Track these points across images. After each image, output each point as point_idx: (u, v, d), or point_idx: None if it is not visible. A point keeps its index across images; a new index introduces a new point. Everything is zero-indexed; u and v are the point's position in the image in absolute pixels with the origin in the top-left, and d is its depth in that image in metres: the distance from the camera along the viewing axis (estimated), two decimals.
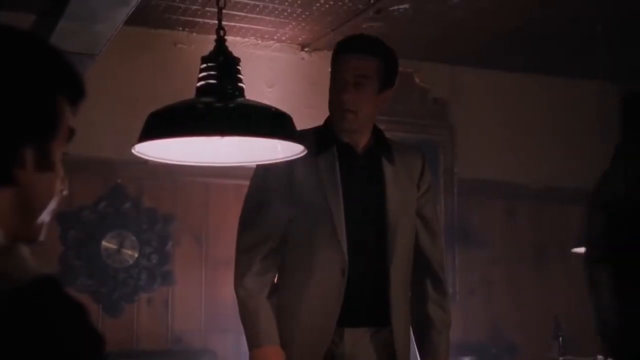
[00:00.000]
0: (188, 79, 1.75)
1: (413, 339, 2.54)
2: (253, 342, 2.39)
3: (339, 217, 2.35)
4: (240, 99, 1.58)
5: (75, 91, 1.04)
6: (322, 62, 4.57)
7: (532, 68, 4.93)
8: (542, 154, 5.02)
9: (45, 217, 1.04)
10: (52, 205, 1.05)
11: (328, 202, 2.35)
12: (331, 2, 3.93)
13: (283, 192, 2.38)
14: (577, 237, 4.17)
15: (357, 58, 2.34)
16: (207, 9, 3.97)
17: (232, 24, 4.11)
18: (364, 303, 2.39)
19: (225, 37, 1.67)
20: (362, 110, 2.36)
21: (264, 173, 2.38)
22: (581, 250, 4.11)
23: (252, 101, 1.60)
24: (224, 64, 1.60)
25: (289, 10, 4.03)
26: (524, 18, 4.15)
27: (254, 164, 2.34)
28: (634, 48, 4.51)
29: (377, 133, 2.48)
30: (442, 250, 2.59)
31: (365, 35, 2.47)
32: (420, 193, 2.50)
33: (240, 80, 1.61)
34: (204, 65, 1.61)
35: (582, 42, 4.32)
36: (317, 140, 2.40)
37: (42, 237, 1.05)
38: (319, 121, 2.58)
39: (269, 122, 1.58)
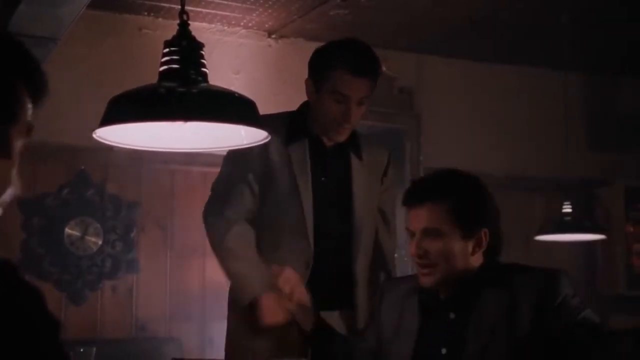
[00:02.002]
0: (153, 65, 1.73)
1: None
2: (251, 291, 2.34)
3: (308, 209, 2.39)
4: (203, 84, 1.56)
5: (37, 87, 1.03)
6: (288, 49, 4.55)
7: (499, 57, 4.96)
8: (507, 143, 5.06)
9: None
10: (6, 196, 1.03)
11: (300, 192, 2.38)
12: None
13: (258, 173, 2.41)
14: (541, 225, 4.23)
15: (365, 81, 2.37)
16: None
17: (198, 9, 4.08)
18: (332, 291, 2.45)
19: (189, 22, 1.65)
20: (355, 125, 2.44)
21: (239, 153, 2.38)
22: (545, 237, 4.17)
23: (215, 86, 1.59)
24: (187, 48, 1.58)
25: None
26: (491, 7, 4.17)
27: (217, 150, 2.33)
28: (599, 38, 4.56)
29: None
30: (396, 246, 2.68)
31: (369, 54, 2.41)
32: (383, 188, 2.57)
33: (204, 65, 1.59)
34: (167, 50, 1.59)
35: (547, 32, 4.36)
36: (288, 128, 2.42)
37: None
38: (284, 108, 2.59)
39: (232, 108, 1.57)
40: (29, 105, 1.03)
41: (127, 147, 1.76)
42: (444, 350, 1.89)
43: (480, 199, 1.97)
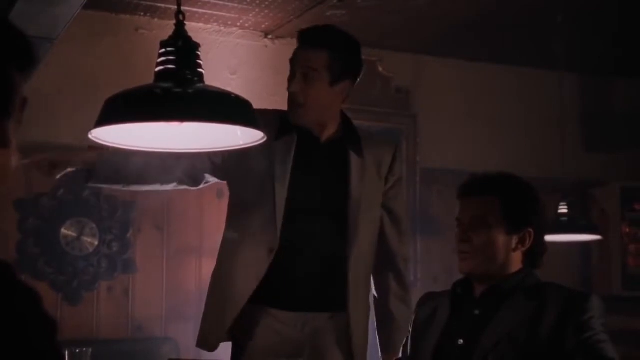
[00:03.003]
0: (150, 65, 1.73)
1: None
2: None
3: (281, 201, 2.36)
4: (199, 85, 1.56)
5: (27, 62, 1.01)
6: (285, 50, 4.55)
7: (495, 58, 4.97)
8: (504, 143, 5.07)
9: None
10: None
11: (274, 184, 2.37)
12: None
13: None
14: None
15: (306, 50, 2.33)
16: None
17: (194, 9, 4.08)
18: (322, 291, 2.43)
19: (185, 22, 1.65)
20: (312, 104, 2.35)
21: None
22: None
23: (211, 87, 1.59)
24: (183, 48, 1.58)
25: None
26: (487, 7, 4.17)
27: (213, 151, 2.33)
28: (594, 39, 4.57)
29: (346, 124, 2.48)
30: (409, 247, 2.62)
31: (320, 26, 2.40)
32: (389, 186, 2.51)
33: (200, 66, 1.59)
34: (163, 50, 1.59)
35: (543, 32, 4.36)
36: (280, 123, 2.41)
37: None
38: (281, 108, 2.58)
39: (228, 109, 1.57)
40: (22, 82, 1.01)
41: (123, 147, 1.76)
42: (460, 341, 1.96)
43: (531, 199, 2.04)
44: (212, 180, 2.49)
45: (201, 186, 2.48)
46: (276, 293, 2.40)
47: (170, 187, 2.45)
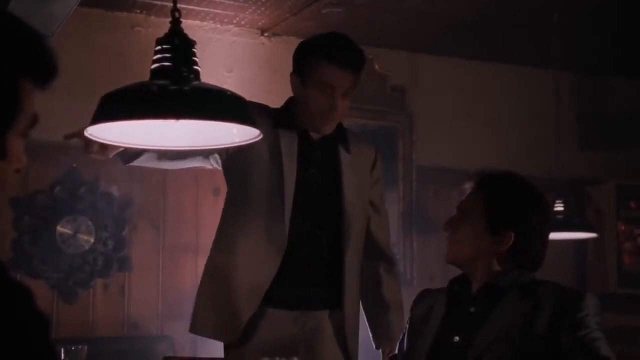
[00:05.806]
0: (146, 63, 1.72)
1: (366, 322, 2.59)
2: None
3: (289, 198, 2.38)
4: (195, 83, 1.56)
5: (44, 72, 1.00)
6: (281, 47, 4.55)
7: (492, 56, 4.97)
8: (500, 142, 5.07)
9: None
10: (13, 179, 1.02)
11: (284, 181, 2.39)
12: None
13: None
14: None
15: (350, 73, 2.38)
16: None
17: (190, 7, 4.07)
18: (318, 286, 2.45)
19: (182, 20, 1.65)
20: (342, 117, 2.45)
21: None
22: None
23: (208, 84, 1.58)
24: (179, 46, 1.58)
25: None
26: (483, 6, 4.18)
27: (209, 148, 2.33)
28: (591, 38, 4.58)
29: None
30: (390, 234, 2.67)
31: (354, 47, 2.43)
32: (373, 181, 2.58)
33: (196, 64, 1.59)
34: (159, 48, 1.59)
35: (539, 31, 4.37)
36: (276, 119, 2.44)
37: None
38: (277, 105, 2.58)
39: (224, 106, 1.56)
40: (35, 94, 0.99)
41: (119, 145, 1.75)
42: (456, 339, 1.97)
43: (518, 203, 2.00)
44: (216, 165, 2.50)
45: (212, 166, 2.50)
46: (275, 292, 2.40)
47: (198, 163, 2.46)
